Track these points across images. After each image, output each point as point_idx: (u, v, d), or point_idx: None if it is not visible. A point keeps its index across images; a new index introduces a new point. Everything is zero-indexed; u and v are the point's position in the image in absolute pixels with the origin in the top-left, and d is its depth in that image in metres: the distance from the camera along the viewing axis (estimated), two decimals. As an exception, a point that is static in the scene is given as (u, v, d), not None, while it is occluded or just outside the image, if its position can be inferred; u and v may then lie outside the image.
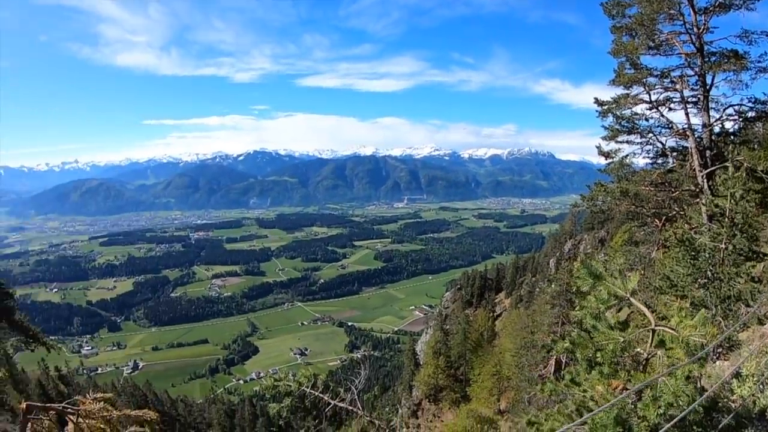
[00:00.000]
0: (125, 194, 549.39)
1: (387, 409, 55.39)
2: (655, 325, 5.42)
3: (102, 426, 7.74)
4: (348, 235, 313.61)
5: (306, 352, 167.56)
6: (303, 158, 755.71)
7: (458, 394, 43.17)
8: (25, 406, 7.51)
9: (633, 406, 5.47)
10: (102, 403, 7.87)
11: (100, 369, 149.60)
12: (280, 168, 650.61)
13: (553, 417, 6.43)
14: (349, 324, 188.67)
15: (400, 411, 49.95)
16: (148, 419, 8.41)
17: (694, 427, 5.03)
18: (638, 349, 6.56)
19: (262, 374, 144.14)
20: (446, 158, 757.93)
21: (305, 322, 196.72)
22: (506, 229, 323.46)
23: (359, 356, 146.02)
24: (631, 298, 6.03)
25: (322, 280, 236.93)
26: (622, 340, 5.92)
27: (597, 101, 18.76)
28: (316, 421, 10.91)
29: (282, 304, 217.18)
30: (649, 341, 6.27)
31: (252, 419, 53.46)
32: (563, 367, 25.76)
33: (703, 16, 16.28)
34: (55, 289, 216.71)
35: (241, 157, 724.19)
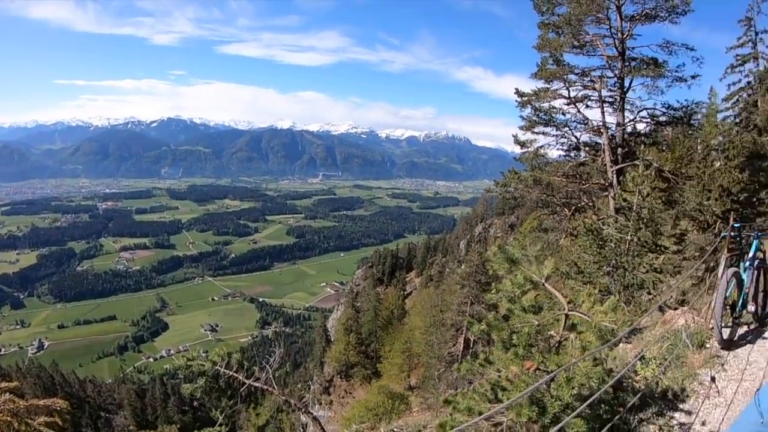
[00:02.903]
0: (30, 159, 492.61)
1: (299, 385, 55.41)
2: (568, 311, 5.61)
3: (9, 419, 6.98)
4: (261, 209, 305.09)
5: (217, 329, 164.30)
6: (218, 128, 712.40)
7: (369, 371, 43.91)
8: None
9: (546, 386, 5.62)
10: (7, 394, 7.10)
11: (3, 350, 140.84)
12: (194, 137, 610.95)
13: (468, 396, 6.58)
14: (260, 300, 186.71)
15: (312, 387, 50.12)
16: (58, 408, 7.73)
17: (602, 406, 5.26)
18: (551, 332, 6.88)
19: (172, 352, 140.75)
20: (363, 136, 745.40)
21: (216, 298, 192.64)
22: (419, 210, 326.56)
23: (273, 334, 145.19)
24: (546, 284, 6.37)
25: (233, 255, 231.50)
26: (536, 323, 6.19)
27: (518, 92, 19.31)
28: (231, 401, 10.51)
29: (192, 279, 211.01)
30: (562, 325, 6.70)
31: (163, 398, 51.41)
32: (471, 345, 26.59)
33: (628, 23, 17.10)
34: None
35: (155, 124, 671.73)
